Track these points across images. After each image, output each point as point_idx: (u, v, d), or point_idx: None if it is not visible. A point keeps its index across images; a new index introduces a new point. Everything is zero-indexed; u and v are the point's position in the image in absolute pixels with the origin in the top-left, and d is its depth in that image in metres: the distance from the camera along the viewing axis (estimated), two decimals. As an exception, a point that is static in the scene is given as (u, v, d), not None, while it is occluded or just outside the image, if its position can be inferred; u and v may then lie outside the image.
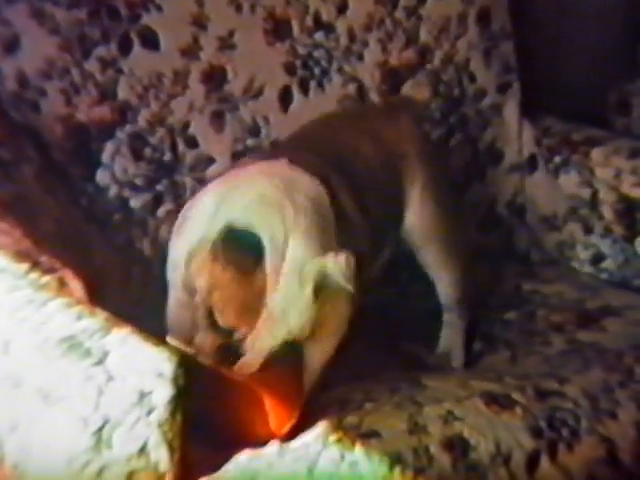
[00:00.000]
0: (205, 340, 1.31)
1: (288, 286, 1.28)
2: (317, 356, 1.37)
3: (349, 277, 1.27)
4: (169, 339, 1.33)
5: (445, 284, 1.62)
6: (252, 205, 1.31)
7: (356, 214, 1.41)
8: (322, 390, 1.37)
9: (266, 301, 1.28)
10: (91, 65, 1.63)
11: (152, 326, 1.26)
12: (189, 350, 1.31)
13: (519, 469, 1.33)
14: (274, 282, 1.28)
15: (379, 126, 1.58)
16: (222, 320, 1.31)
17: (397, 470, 1.26)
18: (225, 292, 1.30)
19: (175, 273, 1.39)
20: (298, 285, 1.28)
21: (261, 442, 1.29)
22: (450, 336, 1.64)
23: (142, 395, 1.16)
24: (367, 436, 1.31)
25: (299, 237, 1.29)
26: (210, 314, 1.31)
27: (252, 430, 1.30)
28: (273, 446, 1.28)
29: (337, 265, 1.27)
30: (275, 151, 1.52)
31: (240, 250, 1.29)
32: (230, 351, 1.31)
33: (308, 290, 1.28)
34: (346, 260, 1.27)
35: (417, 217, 1.56)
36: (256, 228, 1.29)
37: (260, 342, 1.29)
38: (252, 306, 1.29)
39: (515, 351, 1.59)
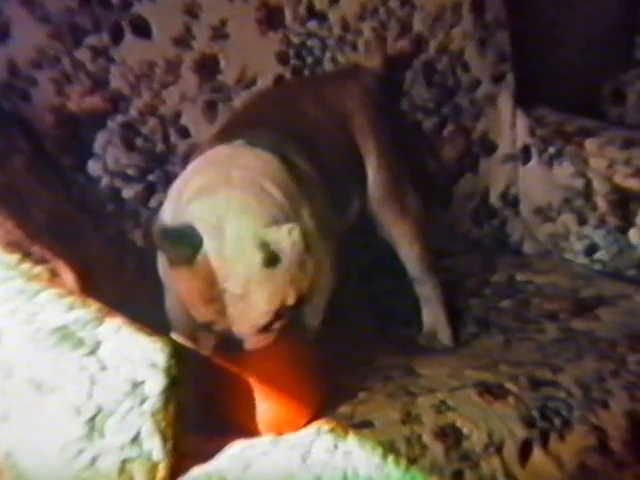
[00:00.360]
0: (205, 337, 1.32)
1: (237, 264, 1.27)
2: (310, 316, 1.39)
3: (294, 246, 1.27)
4: (173, 336, 1.32)
5: (409, 254, 1.63)
6: (189, 201, 1.33)
7: (316, 176, 1.42)
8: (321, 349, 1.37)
9: (224, 286, 1.28)
10: (82, 54, 1.62)
11: (145, 316, 1.26)
12: (191, 347, 1.31)
13: (511, 458, 1.33)
14: (222, 266, 1.27)
15: (329, 93, 1.61)
16: (197, 317, 1.31)
17: (390, 459, 1.26)
18: (182, 290, 1.30)
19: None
20: (247, 260, 1.27)
21: (253, 434, 1.29)
22: (431, 312, 1.65)
23: (135, 385, 1.16)
24: (360, 426, 1.31)
25: (234, 215, 1.29)
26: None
27: (247, 421, 1.30)
28: (267, 436, 1.28)
29: (278, 236, 1.27)
30: (235, 129, 1.50)
31: (177, 246, 1.29)
32: (232, 345, 1.30)
33: (257, 261, 1.27)
34: (288, 231, 1.27)
35: (373, 184, 1.60)
36: (189, 221, 1.30)
37: (247, 323, 1.29)
38: (213, 296, 1.28)
39: (509, 336, 1.59)
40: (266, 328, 1.30)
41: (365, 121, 1.61)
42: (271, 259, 1.27)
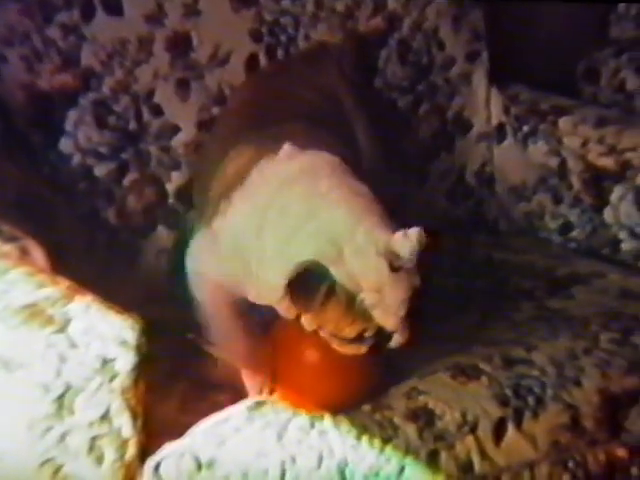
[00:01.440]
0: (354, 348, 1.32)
1: (367, 277, 1.28)
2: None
3: (414, 248, 1.28)
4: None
5: None
6: (290, 236, 1.31)
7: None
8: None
9: (361, 299, 1.28)
10: (53, 31, 1.60)
11: (118, 295, 1.25)
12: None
13: (486, 437, 1.34)
14: (354, 284, 1.28)
15: (314, 74, 1.62)
16: (348, 336, 1.31)
17: (365, 439, 1.27)
18: (327, 322, 1.30)
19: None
20: (376, 271, 1.28)
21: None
22: None
23: (105, 362, 1.16)
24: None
25: (346, 233, 1.29)
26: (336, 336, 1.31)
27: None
28: (242, 411, 1.28)
29: (400, 242, 1.28)
30: (251, 129, 1.49)
31: (314, 288, 1.28)
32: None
33: (385, 269, 1.28)
34: (408, 236, 1.29)
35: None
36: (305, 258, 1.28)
37: (391, 320, 1.29)
38: (355, 313, 1.28)
39: (485, 315, 1.59)
40: (407, 316, 1.30)
41: (351, 98, 1.62)
42: (395, 263, 1.29)
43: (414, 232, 1.28)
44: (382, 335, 1.30)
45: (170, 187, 1.70)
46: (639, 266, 1.77)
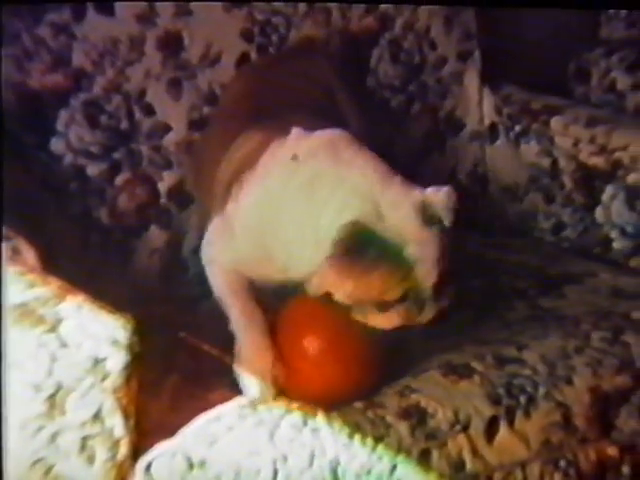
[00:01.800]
0: (388, 317, 1.33)
1: (406, 233, 1.30)
2: None
3: (451, 208, 1.33)
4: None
5: None
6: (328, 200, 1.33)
7: None
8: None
9: (406, 256, 1.30)
10: (43, 31, 1.60)
11: (110, 295, 1.25)
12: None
13: (478, 435, 1.34)
14: (400, 239, 1.30)
15: (306, 68, 1.63)
16: (393, 297, 1.32)
17: (357, 438, 1.27)
18: (376, 281, 1.30)
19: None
20: (413, 227, 1.31)
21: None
22: None
23: (96, 361, 1.16)
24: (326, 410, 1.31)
25: (378, 191, 1.32)
26: (376, 303, 1.32)
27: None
28: (234, 409, 1.28)
29: (436, 198, 1.33)
30: (255, 117, 1.51)
31: (366, 248, 1.30)
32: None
33: (420, 225, 1.31)
34: (448, 193, 1.33)
35: None
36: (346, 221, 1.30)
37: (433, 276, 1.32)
38: (401, 270, 1.30)
39: (478, 314, 1.59)
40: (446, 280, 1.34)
41: (343, 89, 1.62)
42: (432, 219, 1.32)
43: (446, 189, 1.33)
44: (419, 300, 1.32)
45: (162, 186, 1.70)
46: (630, 265, 1.77)
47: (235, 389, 1.34)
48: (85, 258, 1.58)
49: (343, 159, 1.36)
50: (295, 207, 1.35)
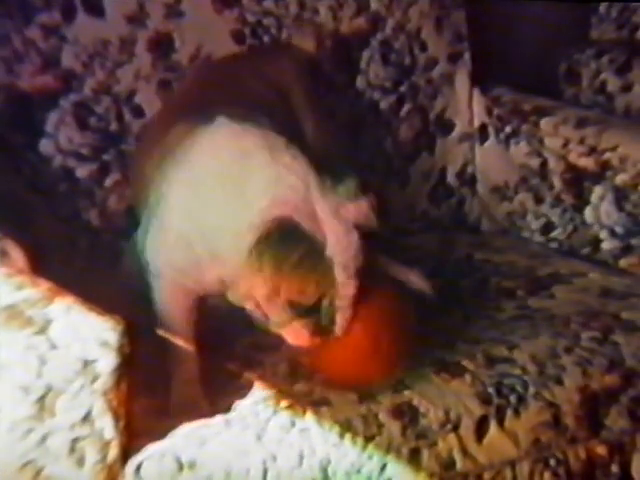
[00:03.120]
0: (300, 329, 1.31)
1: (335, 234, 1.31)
2: None
3: (373, 218, 1.33)
4: None
5: None
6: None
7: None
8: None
9: (327, 255, 1.30)
10: (33, 32, 1.60)
11: (99, 297, 1.24)
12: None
13: (468, 435, 1.35)
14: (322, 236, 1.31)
15: (267, 68, 1.61)
16: (306, 301, 1.30)
17: (347, 437, 1.27)
18: (293, 277, 1.29)
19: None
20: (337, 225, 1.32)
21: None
22: None
23: (86, 363, 1.15)
24: (318, 404, 1.31)
25: (313, 192, 1.32)
26: (292, 303, 1.30)
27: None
28: (220, 417, 1.28)
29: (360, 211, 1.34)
30: (192, 107, 1.49)
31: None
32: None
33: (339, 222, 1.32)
34: (368, 205, 1.34)
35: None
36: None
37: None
38: (318, 271, 1.30)
39: (467, 314, 1.59)
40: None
41: (302, 96, 1.60)
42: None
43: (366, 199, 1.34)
44: (328, 314, 1.30)
45: (152, 188, 1.70)
46: (619, 265, 1.78)
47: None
48: (74, 259, 1.58)
49: (276, 158, 1.34)
50: (218, 196, 1.32)
